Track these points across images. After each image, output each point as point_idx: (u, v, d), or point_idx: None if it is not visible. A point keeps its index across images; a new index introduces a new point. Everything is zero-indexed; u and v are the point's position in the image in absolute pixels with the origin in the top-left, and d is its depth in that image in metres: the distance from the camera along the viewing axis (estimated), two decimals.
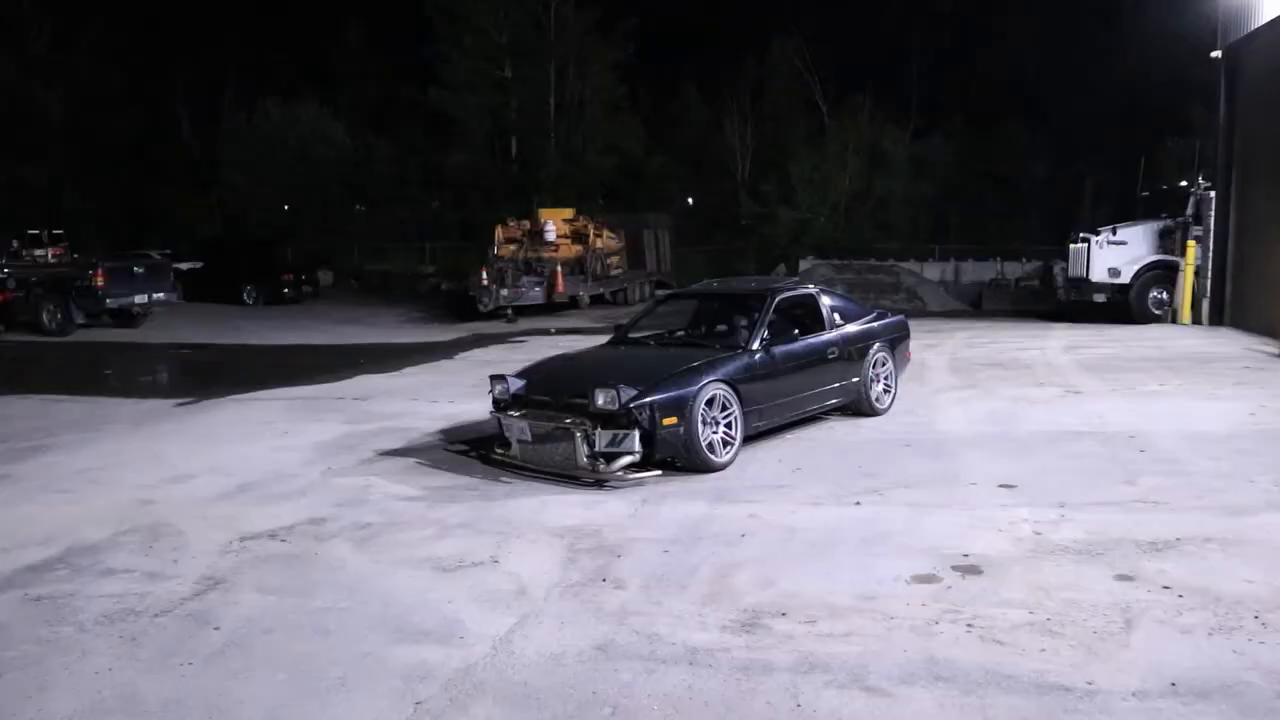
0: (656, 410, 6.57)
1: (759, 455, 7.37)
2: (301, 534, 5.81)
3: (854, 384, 8.52)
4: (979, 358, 12.99)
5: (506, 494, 6.57)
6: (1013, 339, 15.45)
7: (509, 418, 7.12)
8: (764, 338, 7.60)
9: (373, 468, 7.46)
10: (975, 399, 9.70)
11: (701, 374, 6.94)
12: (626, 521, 5.83)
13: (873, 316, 9.12)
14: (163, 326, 19.32)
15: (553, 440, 6.84)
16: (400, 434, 8.73)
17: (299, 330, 19.58)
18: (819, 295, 8.57)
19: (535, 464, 6.98)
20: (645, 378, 6.81)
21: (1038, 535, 5.25)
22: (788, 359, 7.71)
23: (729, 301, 8.63)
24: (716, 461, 6.90)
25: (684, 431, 6.68)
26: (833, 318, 8.50)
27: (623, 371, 7.09)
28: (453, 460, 7.67)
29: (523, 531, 5.69)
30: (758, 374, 7.37)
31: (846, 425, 8.47)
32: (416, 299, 27.35)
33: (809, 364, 7.97)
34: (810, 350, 8.03)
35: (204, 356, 15.72)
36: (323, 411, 10.06)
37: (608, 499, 6.34)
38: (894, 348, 9.10)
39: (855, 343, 8.56)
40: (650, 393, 6.63)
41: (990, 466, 6.83)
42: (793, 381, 7.76)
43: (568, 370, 7.78)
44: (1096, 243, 19.07)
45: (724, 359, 7.27)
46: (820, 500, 6.12)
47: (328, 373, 13.00)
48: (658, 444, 6.62)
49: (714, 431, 6.95)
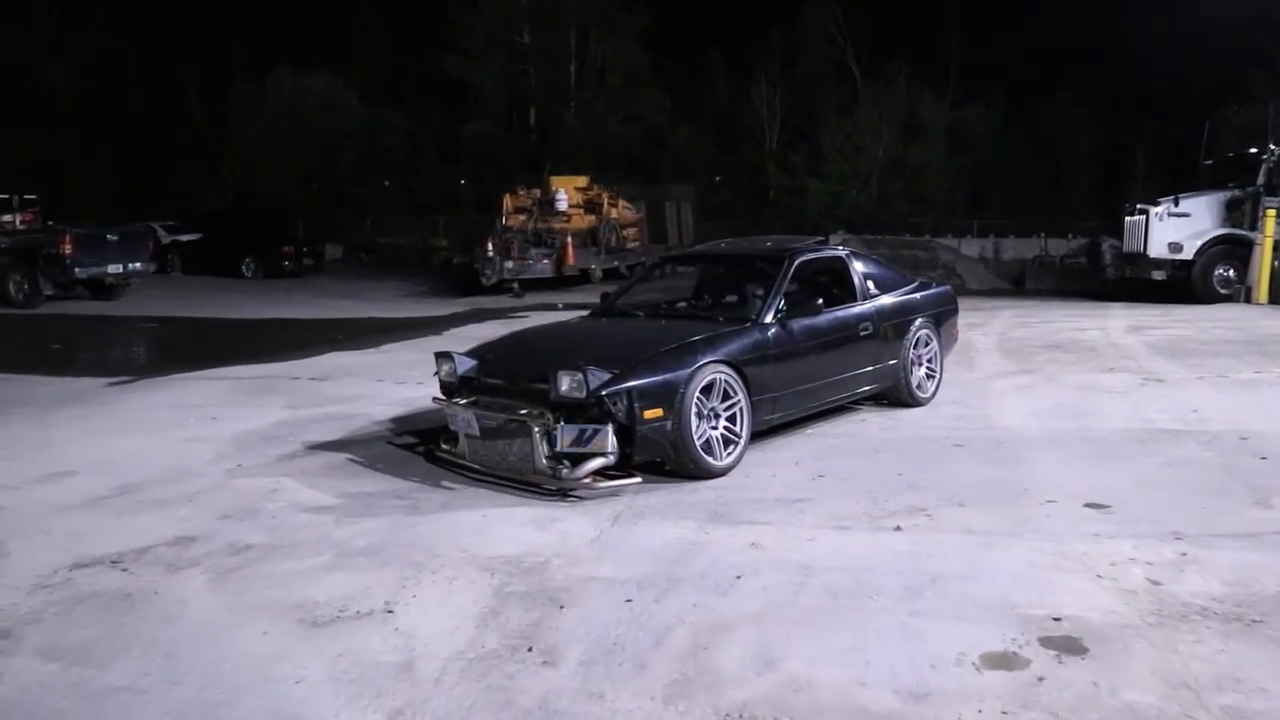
0: (636, 399, 5.07)
1: (770, 456, 5.85)
2: (153, 560, 4.36)
3: (891, 367, 6.97)
4: (1032, 338, 11.38)
5: (441, 505, 5.10)
6: (1067, 318, 13.79)
7: (453, 406, 5.65)
8: (780, 309, 6.07)
9: (291, 466, 6.02)
10: (1036, 387, 8.11)
11: (698, 352, 5.43)
12: (585, 549, 4.34)
13: (914, 286, 7.55)
14: (143, 299, 18.00)
15: (506, 436, 5.35)
16: (345, 422, 7.30)
17: (289, 304, 18.22)
18: (849, 259, 7.01)
19: (485, 465, 5.51)
20: (625, 357, 5.30)
21: (1156, 586, 3.70)
22: (809, 335, 6.17)
23: (738, 265, 7.09)
24: (714, 465, 5.40)
25: (672, 427, 5.18)
26: (866, 287, 6.94)
27: (598, 349, 5.60)
28: (393, 457, 6.21)
29: (444, 563, 4.21)
30: (770, 353, 5.84)
31: (881, 418, 6.93)
32: (426, 273, 26.00)
33: (836, 342, 6.43)
34: (837, 325, 6.49)
35: (170, 330, 14.36)
36: (269, 393, 8.65)
37: (568, 515, 4.86)
38: (939, 324, 7.53)
39: (893, 317, 7.00)
40: (628, 376, 5.13)
41: (1069, 477, 5.28)
42: (815, 363, 6.23)
43: (530, 347, 6.27)
44: (1156, 215, 17.32)
45: (728, 334, 5.74)
46: (847, 522, 4.60)
47: (297, 349, 11.61)
48: (638, 443, 5.12)
49: (712, 427, 5.45)
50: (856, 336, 6.61)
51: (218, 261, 24.88)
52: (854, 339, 6.59)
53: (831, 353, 6.39)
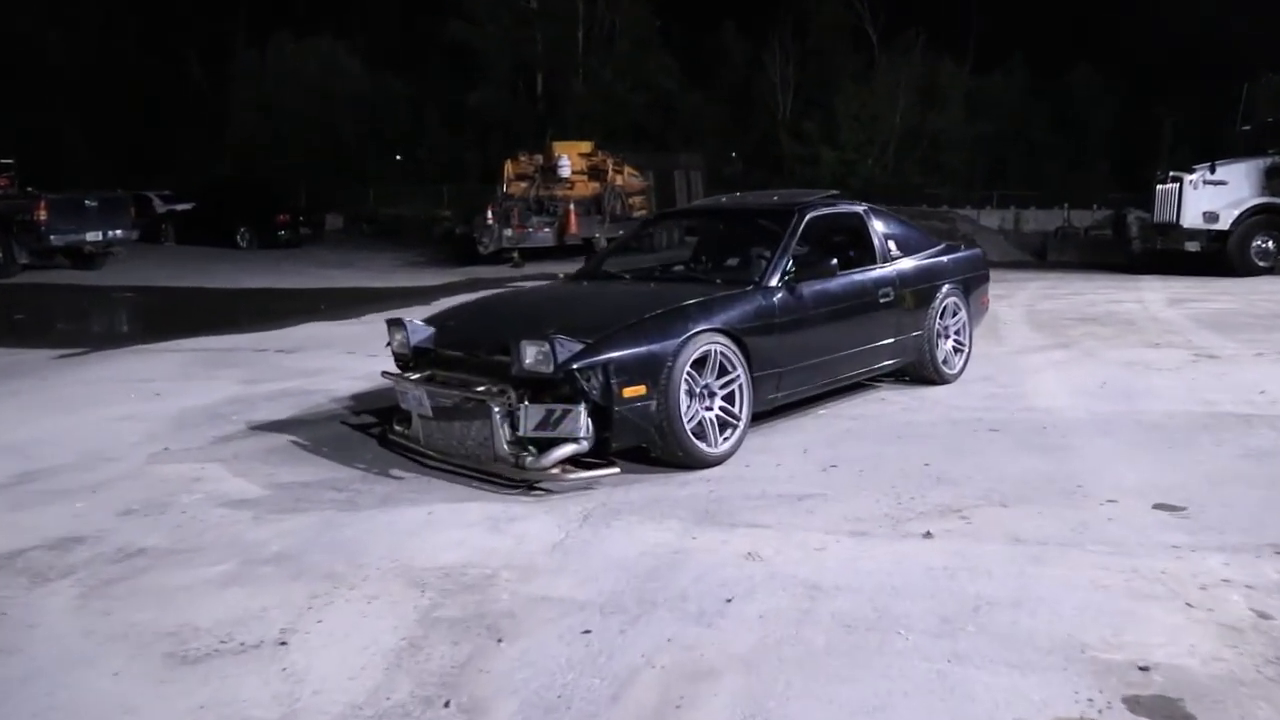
0: (614, 374, 4.25)
1: (774, 442, 5.04)
2: (22, 568, 3.58)
3: (914, 339, 6.14)
4: (1063, 311, 10.51)
5: (382, 500, 4.30)
6: (1097, 290, 12.91)
7: (403, 382, 4.84)
8: (787, 270, 5.23)
9: (224, 449, 5.24)
10: (1074, 363, 7.26)
11: (689, 319, 4.60)
12: (543, 558, 3.54)
13: (940, 249, 6.69)
14: (127, 269, 17.22)
15: (462, 417, 4.55)
16: (302, 398, 6.53)
17: (277, 273, 17.42)
18: (868, 216, 6.16)
19: (440, 451, 4.71)
20: (602, 325, 4.48)
21: (1266, 621, 2.87)
22: (821, 301, 5.33)
23: (741, 221, 6.25)
24: (707, 452, 4.58)
25: (657, 407, 4.37)
26: (886, 248, 6.10)
27: (573, 316, 4.79)
28: (343, 440, 5.43)
29: (367, 575, 3.42)
30: (776, 321, 5.01)
31: (903, 397, 6.10)
32: (429, 243, 25.20)
33: (852, 310, 5.60)
34: (854, 290, 5.65)
35: (145, 300, 13.57)
36: (227, 366, 7.88)
37: (530, 513, 4.05)
38: (968, 292, 6.68)
39: (917, 283, 6.16)
40: (605, 347, 4.30)
41: (1129, 470, 4.45)
42: (827, 334, 5.40)
43: (496, 314, 5.43)
44: (1190, 182, 16.33)
45: (726, 299, 4.91)
46: (865, 526, 3.78)
47: (273, 319, 10.85)
48: (616, 426, 4.31)
49: (706, 407, 4.63)
50: (875, 304, 5.77)
51: (212, 231, 24.20)
52: (872, 306, 5.75)
53: (846, 322, 5.55)
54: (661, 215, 7.07)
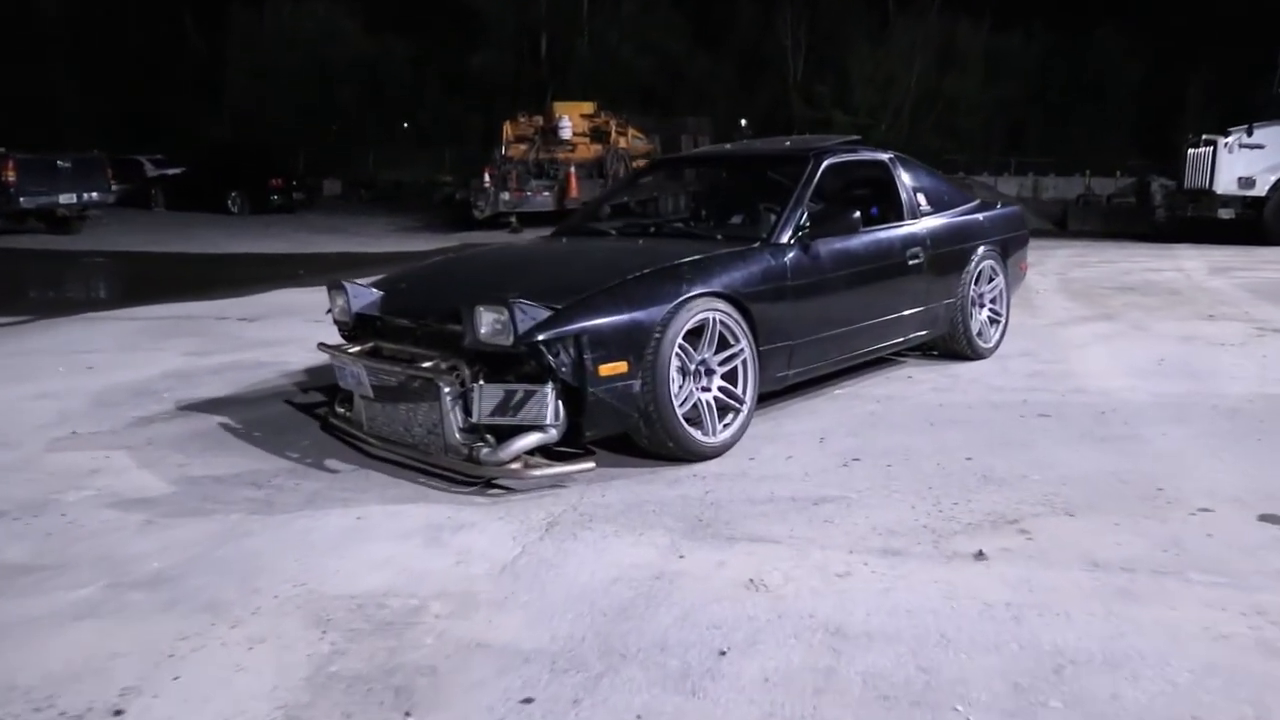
0: (588, 347, 3.46)
1: (785, 428, 4.25)
2: None
3: (945, 308, 5.34)
4: (1098, 279, 9.68)
5: (306, 500, 3.52)
6: (1130, 258, 12.06)
7: (340, 355, 4.06)
8: (801, 225, 4.41)
9: (140, 434, 4.47)
10: (1123, 336, 6.45)
11: (683, 281, 3.79)
12: (488, 585, 2.76)
13: (974, 205, 5.87)
14: (105, 233, 16.43)
15: (407, 398, 3.76)
16: (250, 373, 5.77)
17: (264, 238, 16.63)
18: (895, 165, 5.33)
19: (385, 439, 3.93)
20: (576, 287, 3.67)
21: None
22: (840, 262, 4.52)
23: (747, 169, 5.42)
24: (704, 443, 3.80)
25: (643, 388, 3.58)
26: (915, 202, 5.28)
27: (543, 277, 4.00)
28: (283, 422, 4.66)
29: (261, 606, 2.65)
30: (787, 285, 4.20)
31: (933, 374, 5.31)
32: (428, 208, 24.47)
33: (876, 273, 4.79)
34: (879, 250, 4.84)
35: (116, 266, 12.78)
36: (178, 336, 7.13)
37: (481, 520, 3.27)
38: (1006, 255, 5.87)
39: (950, 243, 5.34)
40: (578, 314, 3.51)
41: (1217, 468, 3.65)
42: (847, 301, 4.59)
43: (454, 275, 4.61)
44: (1225, 146, 15.42)
45: (728, 257, 4.09)
46: (900, 542, 2.99)
47: (246, 285, 10.09)
48: (591, 411, 3.52)
49: (702, 388, 3.85)
50: (903, 266, 4.96)
51: (203, 196, 23.46)
52: (900, 269, 4.94)
53: (870, 287, 4.74)
54: (657, 163, 6.25)
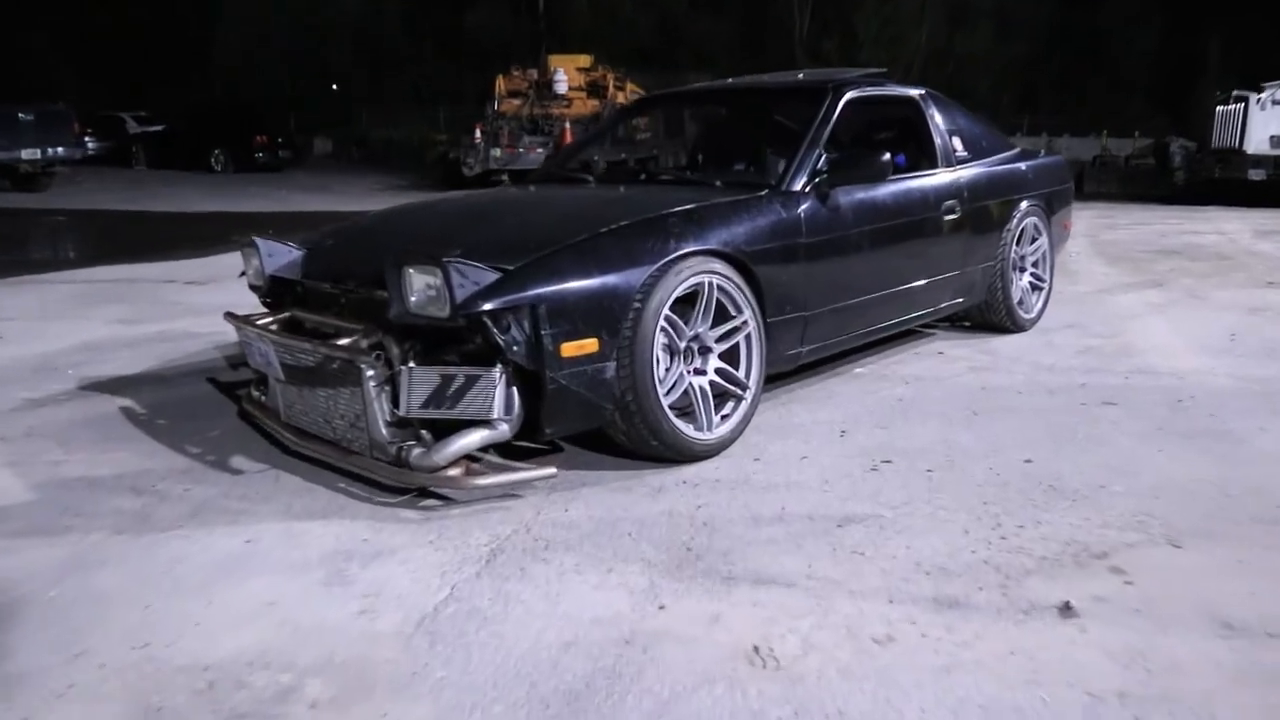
0: (547, 319, 2.67)
1: (797, 418, 3.49)
2: None
3: (984, 273, 4.56)
4: (1133, 242, 8.88)
5: (190, 514, 2.76)
6: (1162, 220, 11.26)
7: (247, 328, 3.29)
8: (818, 170, 3.61)
9: (21, 421, 3.71)
10: (1178, 306, 5.67)
11: (670, 236, 2.99)
12: (395, 650, 2.00)
13: (1015, 154, 5.07)
14: (75, 191, 15.60)
15: (326, 382, 2.98)
16: (177, 345, 5.02)
17: (242, 198, 15.77)
18: (927, 103, 4.51)
19: (304, 430, 3.16)
20: (536, 243, 2.88)
21: None
22: (865, 216, 3.73)
23: (754, 105, 4.61)
24: (697, 440, 3.03)
25: (618, 371, 2.81)
26: (950, 146, 4.48)
27: (496, 231, 3.22)
28: (197, 406, 3.91)
29: (71, 686, 1.89)
30: (802, 243, 3.41)
31: (968, 349, 4.54)
32: (419, 168, 23.60)
33: (906, 230, 4.00)
34: (910, 202, 4.05)
35: (76, 225, 11.93)
36: (111, 301, 6.37)
37: (405, 546, 2.51)
38: (1050, 211, 5.08)
39: (990, 196, 4.55)
40: (533, 277, 2.71)
41: None
42: (872, 263, 3.81)
43: (391, 230, 3.78)
44: (1257, 103, 14.64)
45: (729, 209, 3.28)
46: (957, 586, 2.22)
47: (204, 245, 9.33)
48: (551, 401, 2.74)
49: (695, 370, 3.08)
50: (937, 222, 4.17)
51: (186, 154, 22.64)
52: (933, 226, 4.15)
53: (898, 246, 3.96)
54: (647, 100, 5.44)
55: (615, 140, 5.16)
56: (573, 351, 2.71)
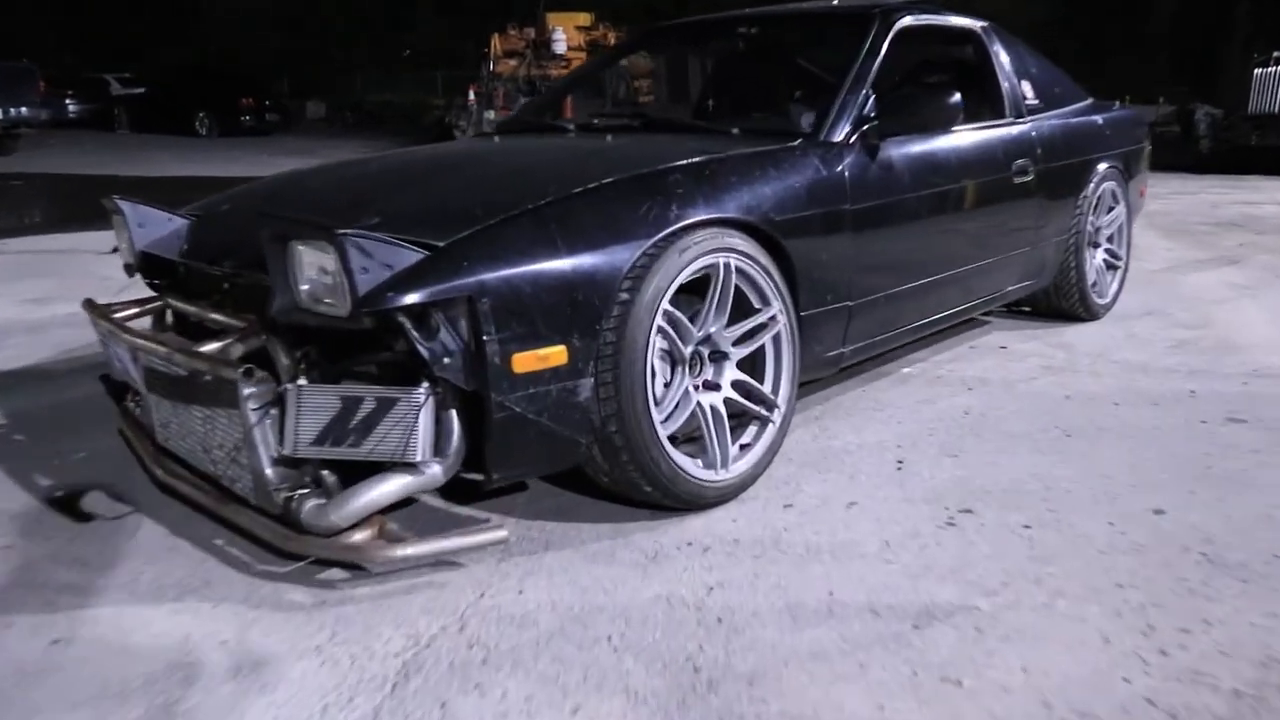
0: (490, 320, 1.85)
1: (839, 438, 2.67)
2: None
3: (1055, 249, 3.73)
4: (1186, 213, 8.01)
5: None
6: (1206, 190, 10.35)
7: (102, 322, 2.48)
8: (866, 115, 2.75)
9: None
10: (1267, 289, 4.83)
11: (670, 199, 2.15)
12: None
13: (1088, 105, 4.22)
14: (47, 154, 14.75)
15: (200, 400, 2.17)
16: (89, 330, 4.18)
17: (222, 162, 14.91)
18: (990, 38, 3.65)
19: (180, 457, 2.35)
20: (480, 210, 2.04)
21: None
22: (923, 175, 2.89)
23: (781, 37, 3.75)
24: (707, 484, 2.21)
25: (595, 391, 1.99)
26: (1019, 93, 3.63)
27: (434, 195, 2.37)
28: (75, 415, 3.13)
29: None
30: (847, 211, 2.57)
31: (1033, 340, 3.72)
32: (413, 131, 22.65)
33: (972, 195, 3.16)
34: (978, 159, 3.20)
35: (31, 190, 11.06)
36: (33, 276, 5.61)
37: (279, 654, 1.70)
38: (1128, 175, 4.25)
39: (1066, 154, 3.71)
40: (471, 259, 1.87)
41: None
42: (933, 236, 2.97)
43: (303, 192, 2.92)
44: None
45: (748, 163, 2.42)
46: None
47: None
48: (495, 439, 1.91)
49: (705, 384, 2.26)
50: (1007, 185, 3.33)
51: (170, 117, 21.72)
52: (1002, 190, 3.31)
53: (961, 215, 3.12)
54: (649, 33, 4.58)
55: (609, 82, 4.33)
56: (530, 364, 1.89)
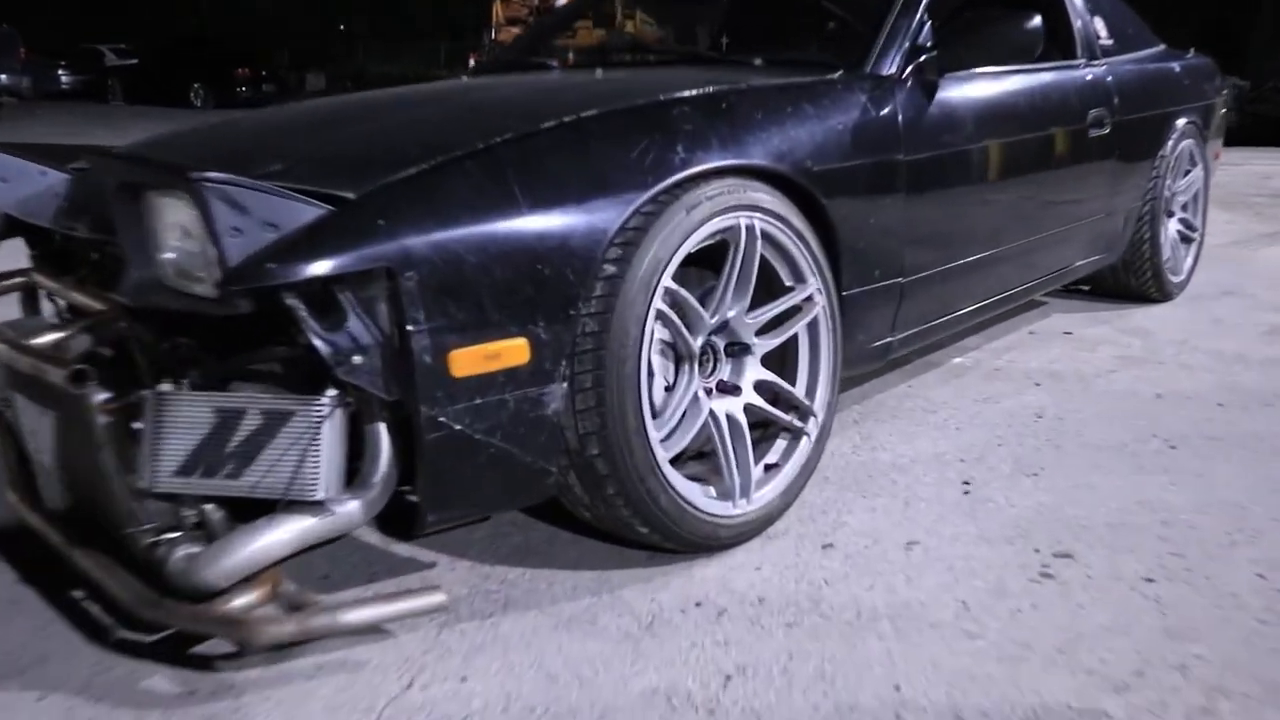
0: (417, 301, 1.30)
1: (884, 450, 2.11)
2: None
3: (1128, 217, 3.17)
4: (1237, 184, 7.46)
5: None
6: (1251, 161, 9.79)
7: None
8: (921, 44, 2.20)
9: None
10: None
11: (673, 139, 1.59)
12: None
13: (1162, 50, 3.65)
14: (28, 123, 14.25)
15: (54, 409, 1.63)
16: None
17: None
18: None
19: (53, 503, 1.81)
20: (413, 151, 1.49)
21: None
22: (988, 121, 2.33)
23: None
24: (721, 521, 1.66)
25: (569, 403, 1.45)
26: (1092, 32, 3.06)
27: (355, 137, 1.81)
28: None
29: None
30: (900, 161, 2.01)
31: (1101, 324, 3.17)
32: None
33: (1043, 148, 2.60)
34: (1049, 105, 2.63)
35: None
36: None
37: None
38: (1205, 132, 3.67)
39: (1143, 105, 3.14)
40: (392, 216, 1.33)
41: None
42: (998, 197, 2.42)
43: (217, 140, 2.36)
44: None
45: (778, 95, 1.87)
46: None
47: None
48: (427, 469, 1.36)
49: (718, 387, 1.71)
50: (1082, 138, 2.76)
51: (166, 88, 21.15)
52: (1077, 144, 2.75)
53: (1032, 174, 2.56)
54: None
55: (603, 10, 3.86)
56: (476, 364, 1.35)
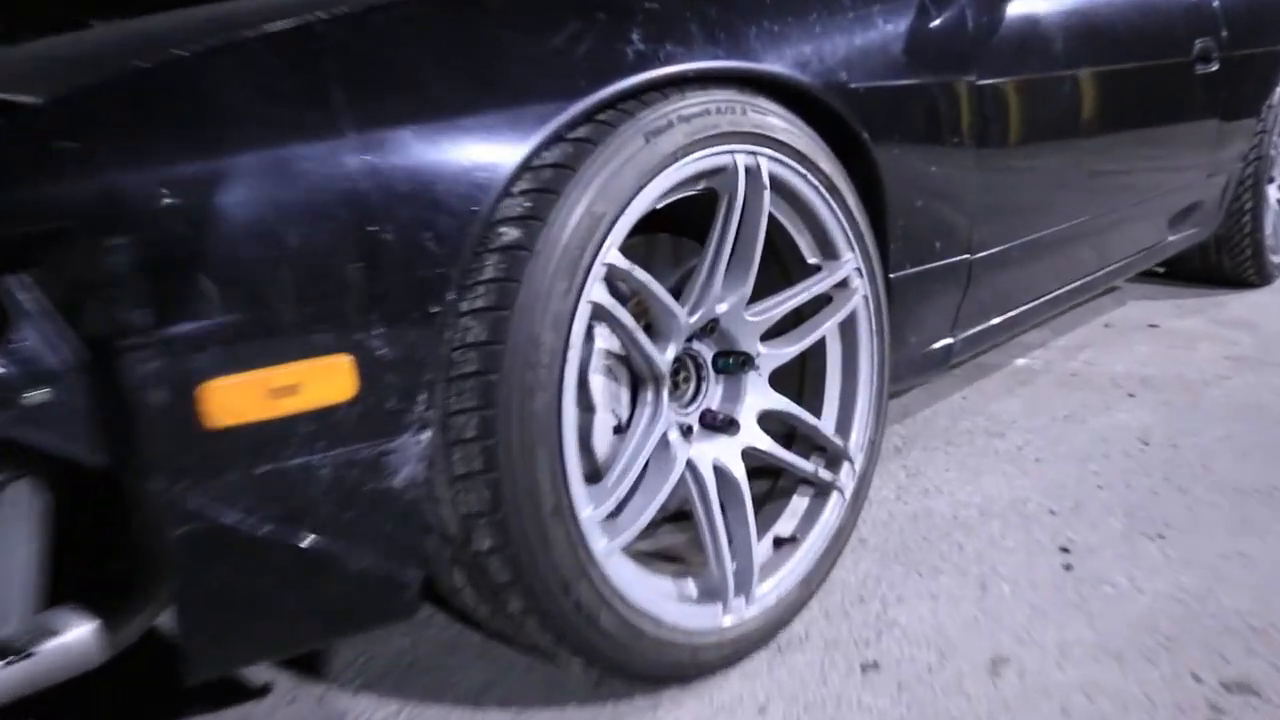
0: (141, 291, 0.70)
1: (938, 496, 1.49)
2: None
3: (1225, 180, 2.54)
4: None
5: None
6: None
7: None
8: None
9: None
10: None
11: (626, 24, 0.98)
12: None
13: None
14: None
15: None
16: None
17: None
18: None
19: None
20: (181, 38, 0.89)
21: None
22: (1079, 34, 1.70)
23: None
24: (699, 639, 1.04)
25: (445, 466, 0.84)
26: None
27: (123, 26, 1.19)
28: None
29: None
30: (972, 85, 1.40)
31: (1189, 315, 2.53)
32: None
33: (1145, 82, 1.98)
34: (1150, 27, 2.00)
35: None
36: None
37: None
38: None
39: (1255, 39, 2.49)
40: (96, 144, 0.72)
41: None
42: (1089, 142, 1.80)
43: None
44: None
45: None
46: None
47: None
48: (176, 584, 0.73)
49: (701, 424, 1.10)
50: (1188, 75, 2.13)
51: None
52: (1182, 80, 2.12)
53: (1129, 114, 1.93)
54: None
55: None
56: (252, 404, 0.73)
